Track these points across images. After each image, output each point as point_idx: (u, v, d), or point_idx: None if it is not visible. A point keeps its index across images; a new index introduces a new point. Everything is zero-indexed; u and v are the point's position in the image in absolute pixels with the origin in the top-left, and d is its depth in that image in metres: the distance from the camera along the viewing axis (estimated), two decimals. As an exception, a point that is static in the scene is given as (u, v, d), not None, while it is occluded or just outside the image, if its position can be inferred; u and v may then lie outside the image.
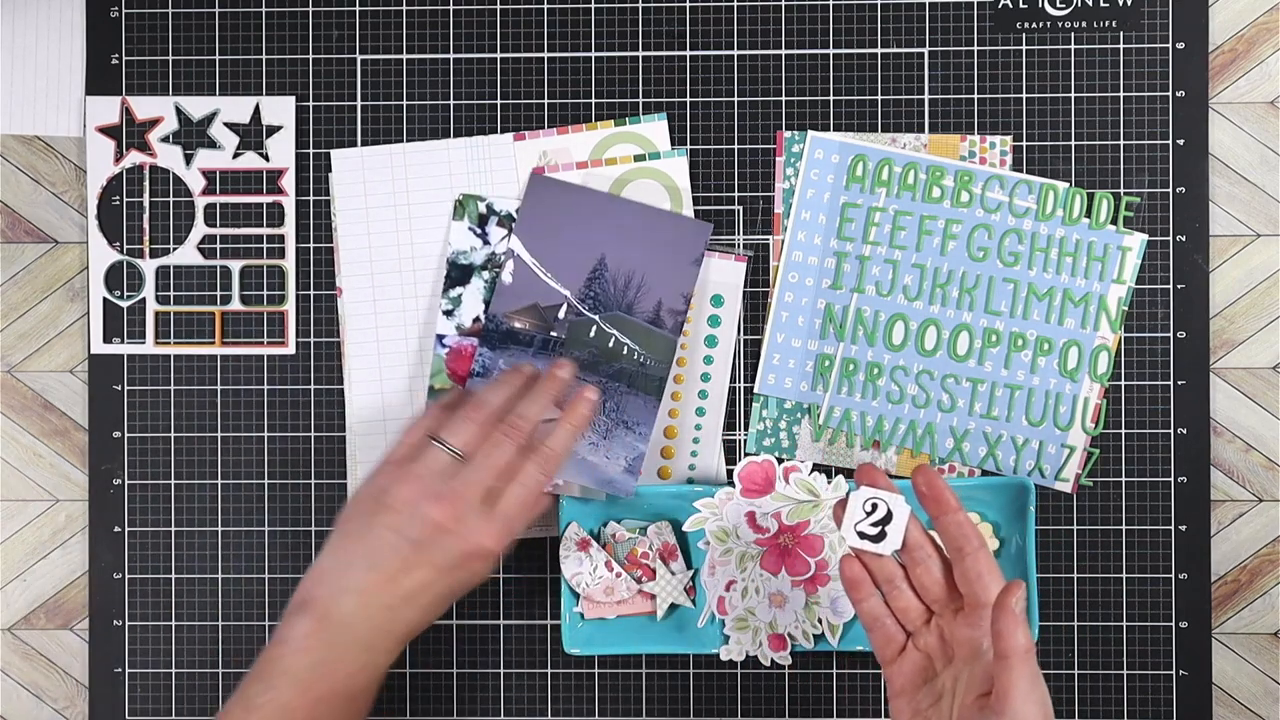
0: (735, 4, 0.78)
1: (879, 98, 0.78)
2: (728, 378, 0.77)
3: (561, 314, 0.75)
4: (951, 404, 0.77)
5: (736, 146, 0.78)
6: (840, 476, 0.74)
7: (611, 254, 0.75)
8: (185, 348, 0.79)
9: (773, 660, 0.75)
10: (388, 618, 0.66)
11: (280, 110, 0.78)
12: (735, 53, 0.78)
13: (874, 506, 0.64)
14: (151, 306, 0.79)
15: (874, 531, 0.64)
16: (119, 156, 0.79)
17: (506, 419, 0.69)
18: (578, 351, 0.74)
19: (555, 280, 0.75)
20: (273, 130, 0.78)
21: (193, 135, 0.79)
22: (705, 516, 0.74)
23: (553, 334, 0.75)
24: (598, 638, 0.75)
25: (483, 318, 0.75)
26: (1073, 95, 0.77)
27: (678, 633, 0.76)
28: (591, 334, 0.75)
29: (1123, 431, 0.77)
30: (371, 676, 0.67)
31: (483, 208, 0.73)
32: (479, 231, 0.73)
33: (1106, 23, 0.78)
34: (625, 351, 0.74)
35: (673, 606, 0.76)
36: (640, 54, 0.78)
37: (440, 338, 0.76)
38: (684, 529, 0.75)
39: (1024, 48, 0.78)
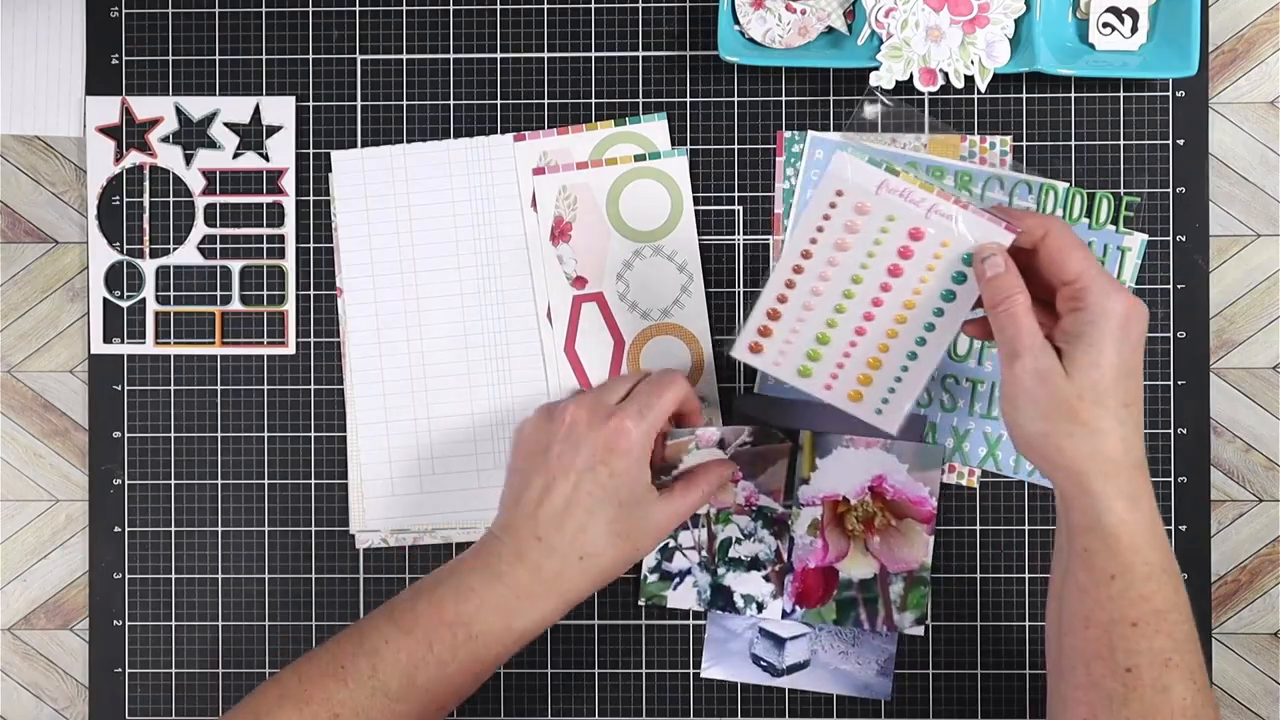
0: (735, 4, 0.78)
1: (878, 97, 0.78)
2: (952, 336, 0.71)
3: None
4: (952, 404, 0.77)
5: (736, 146, 0.78)
6: None
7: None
8: (185, 348, 0.79)
9: (922, 92, 0.75)
10: (530, 543, 0.68)
11: (280, 110, 0.78)
12: (735, 53, 0.78)
13: None
14: (151, 306, 0.79)
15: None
16: (119, 156, 0.78)
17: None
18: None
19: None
20: (273, 130, 0.78)
21: (193, 135, 0.79)
22: None
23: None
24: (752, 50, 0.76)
25: None
26: (1073, 95, 0.77)
27: (833, 48, 0.76)
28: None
29: (1123, 431, 0.77)
30: (508, 621, 0.68)
31: None
32: None
33: (1106, 23, 0.77)
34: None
35: (830, 30, 0.76)
36: (640, 54, 0.78)
37: None
38: None
39: (1024, 48, 0.78)
